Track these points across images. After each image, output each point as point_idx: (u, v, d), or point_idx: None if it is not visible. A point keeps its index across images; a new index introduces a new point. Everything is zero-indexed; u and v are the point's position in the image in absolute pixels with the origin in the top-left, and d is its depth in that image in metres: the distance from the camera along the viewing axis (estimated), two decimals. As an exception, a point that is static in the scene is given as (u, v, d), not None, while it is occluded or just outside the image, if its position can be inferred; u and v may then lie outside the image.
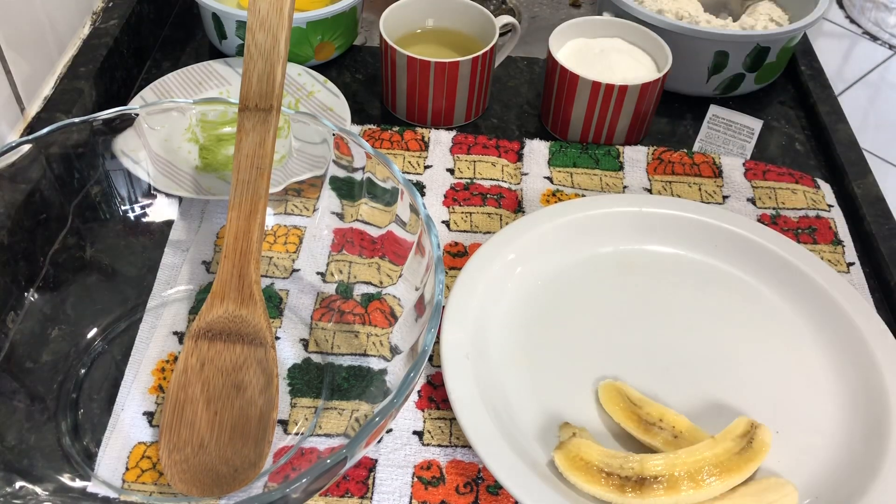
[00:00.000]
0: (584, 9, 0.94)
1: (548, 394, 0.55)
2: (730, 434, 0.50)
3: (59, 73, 0.72)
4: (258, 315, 0.53)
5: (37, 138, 0.52)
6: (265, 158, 0.52)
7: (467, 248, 0.65)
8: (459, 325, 0.55)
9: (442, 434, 0.53)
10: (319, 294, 0.60)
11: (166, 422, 0.51)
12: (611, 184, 0.70)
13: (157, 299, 0.59)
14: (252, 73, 0.52)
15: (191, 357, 0.52)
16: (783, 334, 0.59)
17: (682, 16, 0.79)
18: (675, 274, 0.63)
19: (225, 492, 0.49)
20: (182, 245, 0.62)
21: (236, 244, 0.53)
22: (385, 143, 0.72)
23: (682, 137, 0.78)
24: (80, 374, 0.55)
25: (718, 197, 0.70)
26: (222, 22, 0.77)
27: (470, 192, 0.69)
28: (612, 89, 0.69)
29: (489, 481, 0.51)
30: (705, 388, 0.56)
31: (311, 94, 0.74)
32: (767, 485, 0.49)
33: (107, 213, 0.59)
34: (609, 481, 0.48)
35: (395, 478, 0.51)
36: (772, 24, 0.79)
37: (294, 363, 0.56)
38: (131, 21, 0.78)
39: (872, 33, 2.21)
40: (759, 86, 0.82)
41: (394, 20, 0.75)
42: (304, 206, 0.63)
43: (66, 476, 0.49)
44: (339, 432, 0.52)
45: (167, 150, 0.61)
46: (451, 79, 0.71)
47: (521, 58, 0.85)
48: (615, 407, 0.53)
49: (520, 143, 0.73)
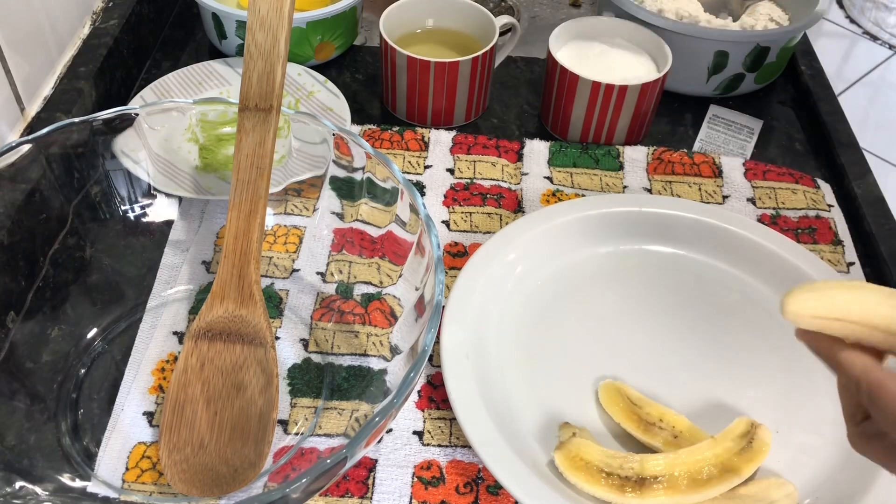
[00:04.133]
0: (584, 9, 0.94)
1: (548, 394, 0.55)
2: (730, 434, 0.50)
3: (58, 73, 0.72)
4: (258, 315, 0.53)
5: (37, 138, 0.52)
6: (265, 158, 0.52)
7: (467, 248, 0.65)
8: (459, 325, 0.55)
9: (442, 434, 0.53)
10: (319, 294, 0.60)
11: (166, 422, 0.51)
12: (611, 184, 0.70)
13: (157, 299, 0.59)
14: (252, 73, 0.52)
15: (191, 357, 0.52)
16: (783, 334, 0.59)
17: (682, 16, 0.79)
18: (675, 274, 0.63)
19: (225, 492, 0.49)
20: (182, 245, 0.62)
21: (236, 244, 0.53)
22: (385, 143, 0.72)
23: (682, 137, 0.78)
24: (80, 374, 0.55)
25: (718, 197, 0.70)
26: (222, 22, 0.77)
27: (470, 192, 0.69)
28: (612, 89, 0.69)
29: (489, 481, 0.51)
30: (705, 388, 0.56)
31: (311, 94, 0.74)
32: (767, 485, 0.49)
33: (107, 213, 0.59)
34: (609, 481, 0.48)
35: (395, 478, 0.51)
36: (772, 24, 0.79)
37: (294, 363, 0.56)
38: (131, 21, 0.78)
39: (872, 33, 2.21)
40: (759, 86, 0.82)
41: (394, 20, 0.75)
42: (304, 206, 0.63)
43: (66, 476, 0.49)
44: (339, 432, 0.52)
45: (167, 150, 0.61)
46: (451, 79, 0.71)
47: (521, 58, 0.85)
48: (615, 407, 0.53)
49: (520, 143, 0.73)
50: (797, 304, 0.40)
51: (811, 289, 0.41)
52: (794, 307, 0.40)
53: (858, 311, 0.39)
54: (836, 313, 0.40)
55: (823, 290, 0.40)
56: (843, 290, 0.40)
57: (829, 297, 0.40)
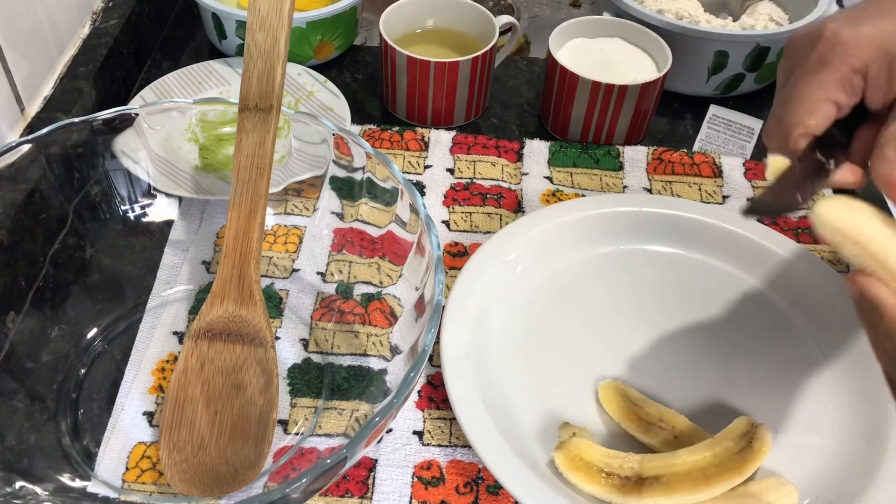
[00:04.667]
0: (584, 9, 0.94)
1: (548, 394, 0.55)
2: (730, 434, 0.50)
3: (58, 73, 0.72)
4: (258, 315, 0.53)
5: (37, 138, 0.52)
6: (265, 158, 0.52)
7: (467, 248, 0.65)
8: (459, 325, 0.55)
9: (442, 434, 0.53)
10: (319, 294, 0.60)
11: (166, 422, 0.51)
12: (611, 184, 0.70)
13: (157, 299, 0.59)
14: (252, 73, 0.52)
15: (191, 357, 0.52)
16: (783, 334, 0.59)
17: (682, 16, 0.79)
18: (675, 274, 0.63)
19: (225, 492, 0.49)
20: (182, 245, 0.62)
21: (236, 244, 0.53)
22: (385, 143, 0.72)
23: (682, 137, 0.78)
24: (80, 374, 0.55)
25: (718, 197, 0.70)
26: (222, 22, 0.77)
27: (470, 191, 0.69)
28: (612, 89, 0.69)
29: (489, 481, 0.51)
30: (705, 387, 0.56)
31: (311, 94, 0.74)
32: (767, 485, 0.49)
33: (107, 213, 0.59)
34: (609, 481, 0.48)
35: (395, 478, 0.51)
36: (772, 23, 0.79)
37: (294, 363, 0.56)
38: (131, 21, 0.78)
39: (872, 33, 2.21)
40: (759, 86, 0.82)
41: (394, 20, 0.75)
42: (304, 206, 0.63)
43: (66, 476, 0.49)
44: (339, 432, 0.52)
45: (167, 150, 0.61)
46: (451, 79, 0.71)
47: (521, 58, 0.85)
48: (615, 407, 0.53)
49: (520, 143, 0.73)
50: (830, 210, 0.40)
51: (849, 205, 0.40)
52: (825, 211, 0.40)
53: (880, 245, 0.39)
54: (860, 237, 0.39)
55: (861, 212, 0.40)
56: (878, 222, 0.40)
57: (863, 220, 0.39)
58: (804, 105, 0.40)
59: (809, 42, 0.41)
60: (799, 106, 0.40)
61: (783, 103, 0.41)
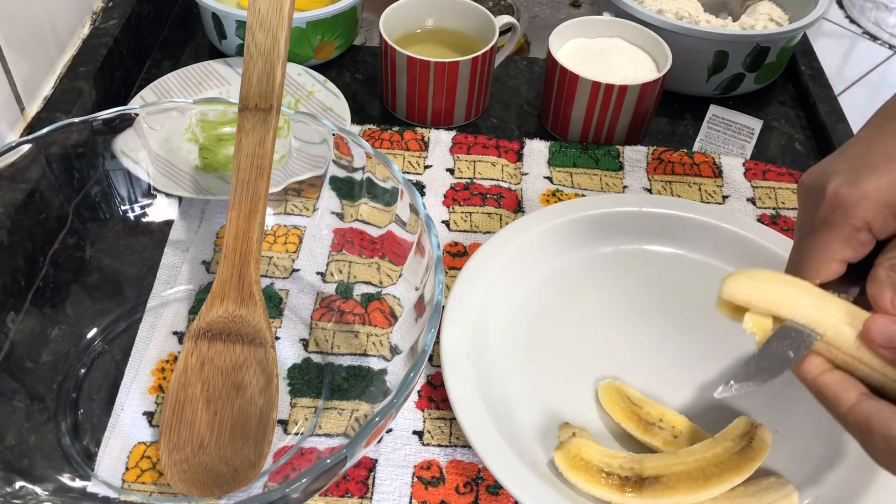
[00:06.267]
0: (584, 9, 0.94)
1: (548, 394, 0.55)
2: (730, 434, 0.50)
3: (58, 73, 0.72)
4: (258, 315, 0.53)
5: (37, 138, 0.52)
6: (265, 158, 0.52)
7: (467, 248, 0.65)
8: (459, 325, 0.55)
9: (442, 434, 0.53)
10: (319, 294, 0.60)
11: (166, 422, 0.51)
12: (611, 184, 0.70)
13: (157, 299, 0.59)
14: (252, 73, 0.52)
15: (191, 357, 0.52)
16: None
17: (682, 16, 0.79)
18: (675, 274, 0.63)
19: (225, 492, 0.49)
20: (182, 245, 0.62)
21: (236, 244, 0.53)
22: (385, 143, 0.72)
23: (682, 137, 0.78)
24: (80, 374, 0.55)
25: (718, 197, 0.70)
26: (222, 22, 0.77)
27: (470, 191, 0.69)
28: (612, 89, 0.69)
29: (489, 481, 0.51)
30: (705, 387, 0.56)
31: (311, 94, 0.74)
32: (767, 485, 0.49)
33: (107, 213, 0.59)
34: (609, 481, 0.48)
35: (395, 478, 0.51)
36: (772, 24, 0.79)
37: (294, 363, 0.56)
38: (131, 21, 0.78)
39: (872, 33, 2.21)
40: (759, 86, 0.82)
41: (394, 20, 0.75)
42: (304, 206, 0.63)
43: (66, 476, 0.49)
44: (339, 432, 0.52)
45: (167, 150, 0.61)
46: (451, 79, 0.71)
47: (521, 58, 0.85)
48: (615, 407, 0.53)
49: (520, 143, 0.73)
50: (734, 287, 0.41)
51: (753, 276, 0.41)
52: (730, 290, 0.41)
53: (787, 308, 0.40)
54: (768, 306, 0.40)
55: (764, 281, 0.41)
56: (782, 285, 0.41)
57: (767, 289, 0.40)
58: (812, 264, 0.42)
59: (815, 199, 0.43)
60: (808, 264, 0.42)
61: (797, 252, 0.43)
